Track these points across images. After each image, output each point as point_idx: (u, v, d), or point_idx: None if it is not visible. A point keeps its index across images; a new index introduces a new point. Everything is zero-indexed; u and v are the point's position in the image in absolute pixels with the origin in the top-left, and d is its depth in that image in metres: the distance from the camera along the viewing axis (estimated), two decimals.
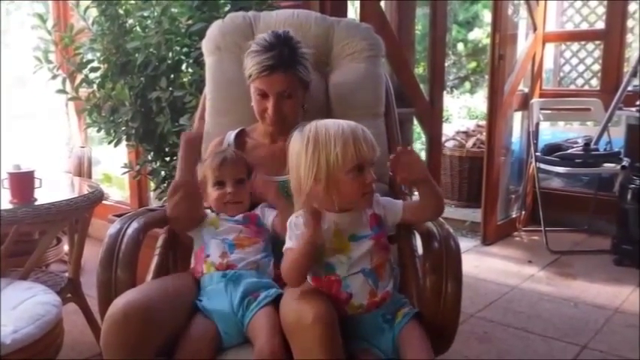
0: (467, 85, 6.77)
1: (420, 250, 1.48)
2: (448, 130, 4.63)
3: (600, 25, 4.04)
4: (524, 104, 3.90)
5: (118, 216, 1.62)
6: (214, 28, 1.81)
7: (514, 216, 3.93)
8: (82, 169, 2.78)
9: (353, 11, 3.44)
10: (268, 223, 1.46)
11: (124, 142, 2.48)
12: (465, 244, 3.54)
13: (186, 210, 1.43)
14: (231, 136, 1.62)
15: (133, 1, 2.35)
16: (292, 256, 1.23)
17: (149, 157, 2.45)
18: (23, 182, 2.01)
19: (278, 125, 1.54)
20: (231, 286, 1.33)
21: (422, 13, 3.89)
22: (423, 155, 3.39)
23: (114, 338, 1.18)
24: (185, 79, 2.20)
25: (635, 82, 3.51)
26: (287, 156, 1.52)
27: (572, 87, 4.31)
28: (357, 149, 1.22)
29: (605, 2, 3.96)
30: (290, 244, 1.26)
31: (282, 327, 1.20)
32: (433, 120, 3.22)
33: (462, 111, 6.25)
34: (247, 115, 1.58)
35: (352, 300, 1.25)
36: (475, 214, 3.87)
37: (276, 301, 1.27)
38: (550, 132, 4.38)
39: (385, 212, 1.35)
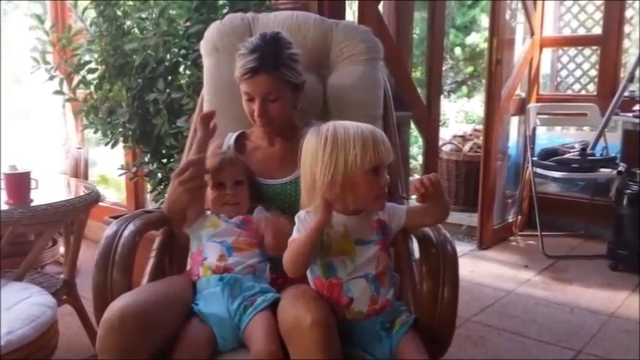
0: (464, 89, 6.77)
1: (416, 254, 1.48)
2: (445, 134, 4.63)
3: (597, 30, 4.06)
4: (521, 109, 3.91)
5: (115, 218, 1.62)
6: (212, 30, 1.80)
7: (510, 220, 3.94)
8: (79, 171, 2.76)
9: (351, 14, 3.44)
10: (260, 228, 1.43)
11: (120, 144, 2.47)
12: (461, 248, 3.54)
13: (190, 194, 1.39)
14: (231, 138, 1.61)
15: (131, 3, 2.34)
16: (296, 244, 1.24)
17: (146, 159, 2.45)
18: (19, 183, 2.00)
19: (267, 127, 1.54)
20: (228, 291, 1.32)
21: (420, 17, 3.89)
22: (419, 159, 3.38)
23: (109, 343, 1.17)
24: (183, 81, 2.20)
25: (632, 87, 3.53)
26: (285, 158, 1.52)
27: (569, 92, 4.32)
28: (375, 151, 1.22)
29: (603, 8, 3.97)
30: (296, 235, 1.26)
31: (279, 331, 1.19)
32: (430, 124, 3.22)
33: (459, 115, 6.27)
34: (245, 117, 1.57)
35: (352, 305, 1.25)
36: (471, 219, 3.87)
37: (273, 306, 1.26)
38: (547, 137, 4.39)
39: (389, 218, 1.34)
